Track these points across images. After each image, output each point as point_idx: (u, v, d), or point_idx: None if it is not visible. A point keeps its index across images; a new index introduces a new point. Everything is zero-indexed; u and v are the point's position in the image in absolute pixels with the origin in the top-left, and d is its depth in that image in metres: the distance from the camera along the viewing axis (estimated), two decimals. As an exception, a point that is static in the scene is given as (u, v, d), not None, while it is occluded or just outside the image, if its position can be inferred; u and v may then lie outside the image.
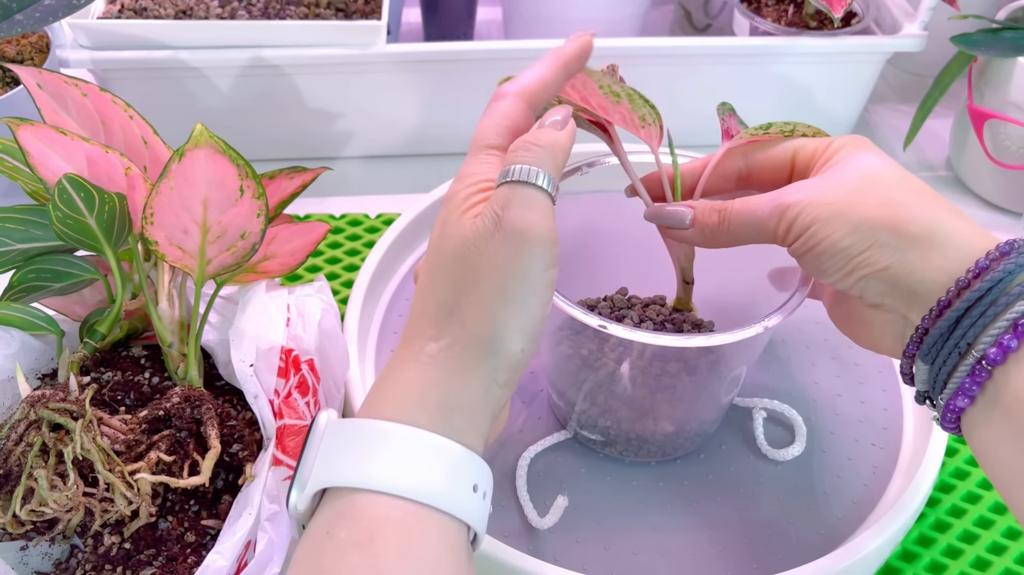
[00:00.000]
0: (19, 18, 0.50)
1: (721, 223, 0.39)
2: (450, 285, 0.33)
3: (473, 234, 0.33)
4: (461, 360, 0.33)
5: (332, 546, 0.30)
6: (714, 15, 0.84)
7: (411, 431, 0.32)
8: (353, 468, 0.31)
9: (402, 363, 0.34)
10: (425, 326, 0.34)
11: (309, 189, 0.54)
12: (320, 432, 0.33)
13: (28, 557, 0.42)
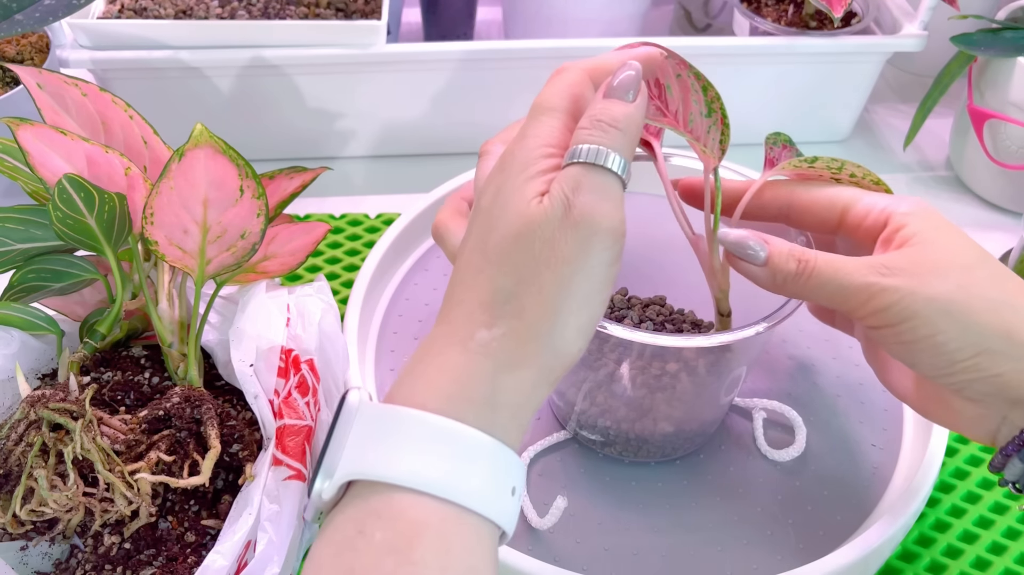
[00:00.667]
0: (19, 18, 0.50)
1: (799, 275, 0.36)
2: (508, 270, 0.30)
3: (540, 217, 0.30)
4: (516, 354, 0.30)
5: (365, 548, 0.27)
6: (714, 15, 0.84)
7: (457, 427, 0.29)
8: (391, 462, 0.28)
9: (447, 347, 0.31)
10: (475, 310, 0.31)
11: (309, 189, 0.54)
12: (351, 414, 0.30)
13: (28, 557, 0.42)
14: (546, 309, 0.30)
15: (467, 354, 0.30)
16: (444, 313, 0.32)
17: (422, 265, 0.60)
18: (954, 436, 0.53)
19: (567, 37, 0.70)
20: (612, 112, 0.32)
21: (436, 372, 0.30)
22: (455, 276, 0.32)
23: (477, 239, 0.32)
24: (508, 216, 0.31)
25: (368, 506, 0.28)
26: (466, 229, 0.33)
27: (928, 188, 0.72)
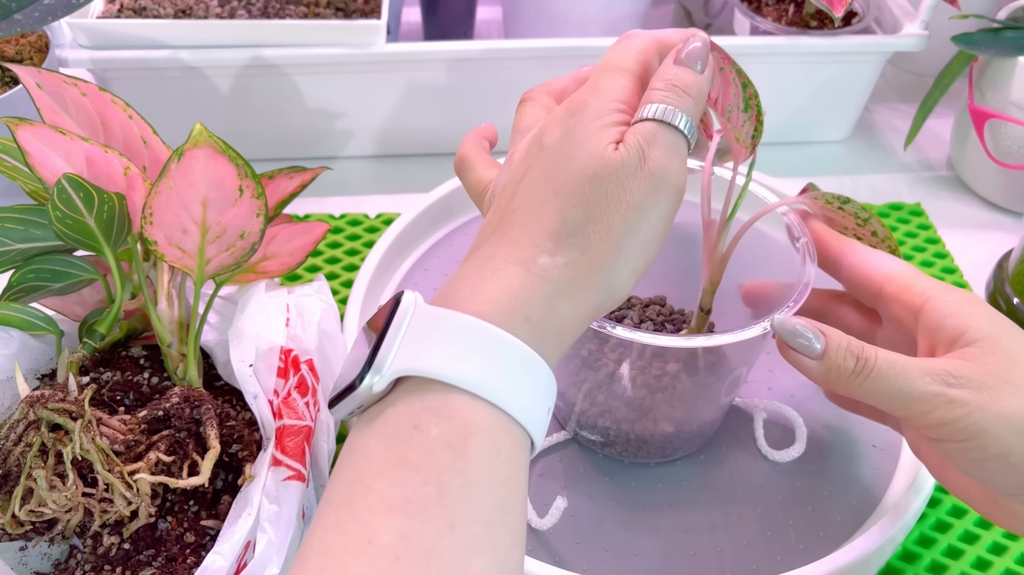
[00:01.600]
0: (18, 17, 0.50)
1: (857, 374, 0.35)
2: (579, 204, 0.32)
3: (617, 163, 0.32)
4: (575, 284, 0.31)
5: (421, 441, 0.28)
6: (714, 14, 0.84)
7: (514, 341, 0.30)
8: (450, 362, 0.29)
9: (508, 265, 0.31)
10: (541, 236, 0.32)
11: (309, 189, 0.54)
12: (407, 313, 0.30)
13: (27, 557, 0.42)
14: (611, 247, 0.32)
15: (529, 276, 0.31)
16: (503, 232, 0.32)
17: (422, 265, 0.60)
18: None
19: (567, 37, 0.70)
20: (684, 78, 0.34)
21: (496, 286, 0.31)
22: (515, 198, 0.33)
23: (542, 172, 0.33)
24: (582, 156, 0.32)
25: (424, 402, 0.29)
26: (517, 163, 0.35)
27: (929, 188, 0.72)
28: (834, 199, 0.41)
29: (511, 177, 0.35)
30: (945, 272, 0.63)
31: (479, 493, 0.28)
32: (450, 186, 0.61)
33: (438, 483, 0.27)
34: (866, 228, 0.41)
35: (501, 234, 0.33)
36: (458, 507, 0.27)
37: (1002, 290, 0.60)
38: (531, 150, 0.35)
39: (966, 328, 0.35)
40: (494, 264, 0.32)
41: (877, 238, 0.41)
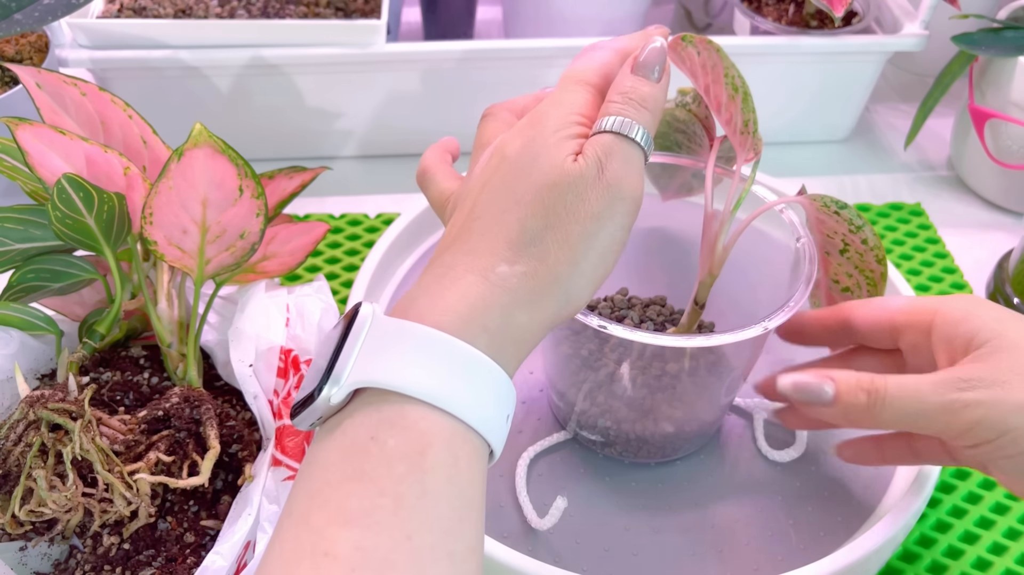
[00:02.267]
0: (18, 17, 0.49)
1: (872, 406, 0.35)
2: (539, 214, 0.32)
3: (577, 174, 0.32)
4: (533, 293, 0.32)
5: (378, 453, 0.28)
6: (715, 14, 0.84)
7: (471, 351, 0.30)
8: (407, 374, 0.29)
9: (466, 274, 0.31)
10: (500, 245, 0.32)
11: (309, 189, 0.54)
12: (363, 324, 0.30)
13: (27, 557, 0.42)
14: (568, 257, 0.32)
15: (487, 284, 0.31)
16: (463, 241, 0.33)
17: (422, 265, 0.60)
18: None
19: (567, 37, 0.70)
20: (640, 90, 0.34)
21: (454, 296, 0.31)
22: (473, 208, 0.33)
23: (502, 182, 0.33)
24: (542, 166, 0.33)
25: (381, 414, 0.29)
26: (478, 173, 0.35)
27: (929, 188, 0.72)
28: (832, 203, 0.41)
29: (472, 186, 0.35)
30: (945, 272, 0.63)
31: (436, 503, 0.28)
32: (450, 186, 0.61)
33: (394, 495, 0.28)
34: (857, 235, 0.41)
35: (461, 243, 0.33)
36: (414, 518, 0.27)
37: (1002, 290, 0.60)
38: (492, 160, 0.35)
39: (975, 331, 0.35)
40: (453, 274, 0.32)
41: (867, 246, 0.41)
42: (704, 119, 0.46)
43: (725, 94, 0.40)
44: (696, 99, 0.46)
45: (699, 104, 0.46)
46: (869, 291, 0.43)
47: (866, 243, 0.41)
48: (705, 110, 0.46)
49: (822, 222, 0.42)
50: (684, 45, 0.40)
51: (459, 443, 0.29)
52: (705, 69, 0.40)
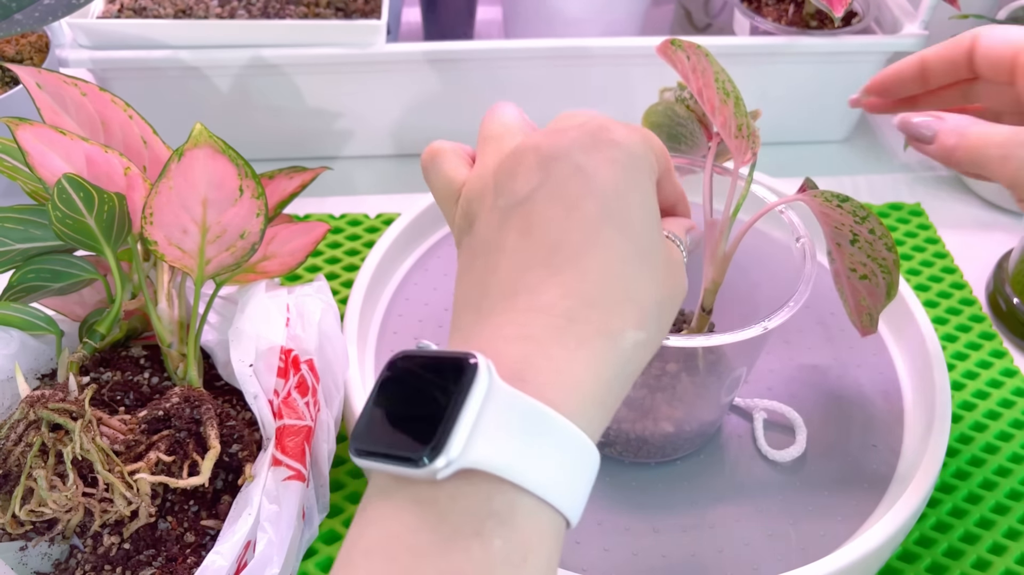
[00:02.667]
0: (18, 18, 0.49)
1: (956, 149, 0.39)
2: (659, 292, 0.31)
3: (677, 260, 0.33)
4: (642, 363, 0.30)
5: (481, 554, 0.25)
6: (714, 15, 0.84)
7: (589, 445, 0.27)
8: (525, 464, 0.26)
9: (596, 337, 0.28)
10: (628, 308, 0.29)
11: (309, 189, 0.54)
12: (481, 388, 0.26)
13: (27, 557, 0.42)
14: (663, 334, 0.32)
15: (617, 353, 0.29)
16: (571, 284, 0.29)
17: (422, 265, 0.60)
18: (955, 436, 0.52)
19: (567, 37, 0.70)
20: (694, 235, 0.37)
21: (582, 367, 0.28)
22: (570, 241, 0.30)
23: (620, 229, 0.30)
24: (655, 230, 0.32)
25: (491, 506, 0.26)
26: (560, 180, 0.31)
27: (929, 188, 0.72)
28: (833, 197, 0.41)
29: (526, 186, 0.31)
30: (945, 272, 0.63)
31: None
32: (450, 186, 0.61)
33: None
34: (864, 226, 0.41)
35: (563, 284, 0.29)
36: None
37: (1002, 290, 0.60)
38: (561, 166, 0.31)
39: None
40: (577, 332, 0.28)
41: (875, 235, 0.41)
42: (702, 116, 0.46)
43: (717, 98, 0.40)
44: (694, 95, 0.46)
45: (696, 100, 0.46)
46: (884, 278, 0.43)
47: (873, 232, 0.41)
48: (702, 107, 0.46)
49: (827, 215, 0.42)
50: (674, 49, 0.40)
51: (554, 542, 0.27)
52: (696, 73, 0.40)
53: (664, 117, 0.48)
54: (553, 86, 0.68)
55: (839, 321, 0.56)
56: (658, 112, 0.48)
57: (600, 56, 0.67)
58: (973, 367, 0.56)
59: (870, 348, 0.55)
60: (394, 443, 0.26)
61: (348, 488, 0.49)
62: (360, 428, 0.28)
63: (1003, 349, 0.58)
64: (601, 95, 0.70)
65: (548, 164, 0.31)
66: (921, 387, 0.52)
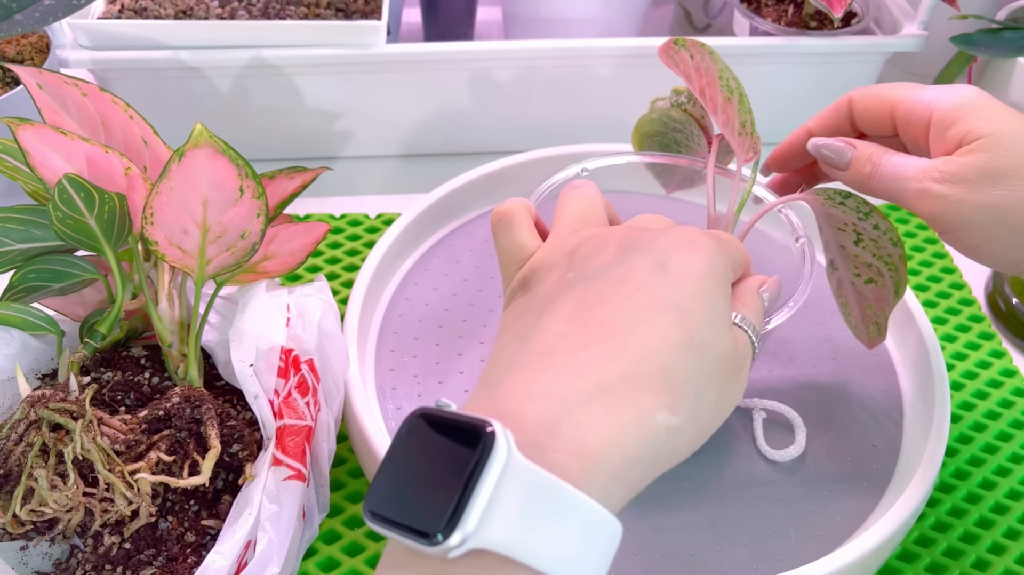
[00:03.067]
0: (19, 18, 0.50)
1: (871, 177, 0.40)
2: (702, 382, 0.30)
3: (738, 357, 0.33)
4: (675, 452, 0.30)
5: None
6: (714, 15, 0.84)
7: (614, 526, 0.27)
8: (542, 547, 0.25)
9: (625, 411, 0.28)
10: (660, 386, 0.29)
11: (309, 189, 0.54)
12: (499, 464, 0.25)
13: (28, 557, 0.42)
14: (711, 425, 0.31)
15: (645, 433, 0.28)
16: (610, 351, 0.29)
17: (422, 265, 0.60)
18: (954, 436, 0.53)
19: (567, 37, 0.70)
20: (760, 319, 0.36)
21: (608, 439, 0.27)
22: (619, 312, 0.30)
23: (677, 317, 0.30)
24: (718, 331, 0.31)
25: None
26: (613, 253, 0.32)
27: (928, 188, 0.72)
28: (835, 195, 0.41)
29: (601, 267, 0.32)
30: (944, 272, 0.63)
31: None
32: (450, 186, 0.61)
33: None
34: (868, 222, 0.41)
35: (602, 353, 0.29)
36: None
37: (1001, 290, 0.60)
38: (640, 257, 0.32)
39: (967, 131, 0.38)
40: (608, 402, 0.28)
41: (879, 231, 0.41)
42: (700, 119, 0.46)
43: (721, 96, 0.40)
44: (691, 99, 0.46)
45: (694, 104, 0.46)
46: (891, 276, 0.43)
47: (878, 228, 0.41)
48: (701, 109, 0.46)
49: (830, 215, 0.42)
50: (677, 49, 0.40)
51: None
52: (699, 72, 0.40)
53: (659, 125, 0.48)
54: (553, 86, 0.68)
55: (839, 321, 0.56)
56: (652, 121, 0.48)
57: (600, 56, 0.67)
58: (972, 367, 0.57)
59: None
60: (408, 513, 0.26)
61: (348, 488, 0.49)
62: (375, 492, 0.27)
63: (1002, 349, 0.58)
64: (601, 96, 0.70)
65: (629, 254, 0.32)
66: (921, 387, 0.52)
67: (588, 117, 0.71)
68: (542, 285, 0.33)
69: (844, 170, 0.41)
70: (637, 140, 0.50)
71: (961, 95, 0.39)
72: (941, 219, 0.37)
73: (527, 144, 0.64)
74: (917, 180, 0.38)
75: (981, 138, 0.37)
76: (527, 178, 0.60)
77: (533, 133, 0.70)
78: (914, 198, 0.38)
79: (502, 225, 0.37)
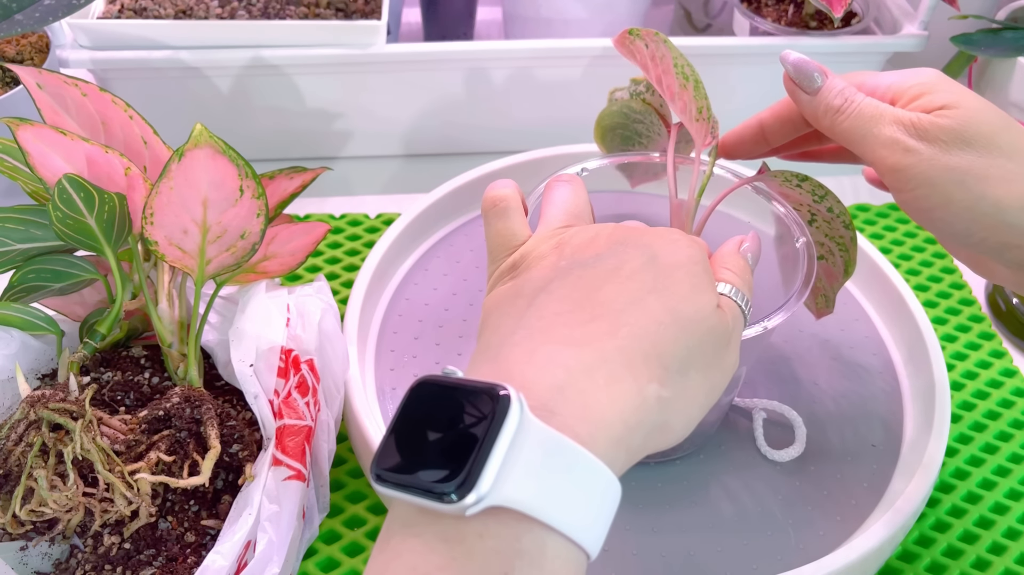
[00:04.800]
0: (19, 18, 0.50)
1: (839, 112, 0.38)
2: (692, 346, 0.31)
3: (724, 329, 0.33)
4: (668, 423, 0.30)
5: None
6: (714, 15, 0.84)
7: (616, 485, 0.28)
8: (554, 503, 0.26)
9: (623, 380, 0.29)
10: (653, 360, 0.30)
11: (309, 189, 0.54)
12: (513, 424, 0.26)
13: (28, 557, 0.42)
14: (699, 400, 0.32)
15: (641, 401, 0.29)
16: (606, 329, 0.30)
17: (422, 265, 0.60)
18: (954, 436, 0.53)
19: (567, 37, 0.70)
20: (747, 275, 0.37)
21: (611, 407, 0.28)
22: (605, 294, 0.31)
23: (654, 288, 0.32)
24: (701, 302, 0.32)
25: (520, 545, 0.26)
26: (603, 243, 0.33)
27: (928, 188, 0.72)
28: (792, 176, 0.42)
29: (594, 257, 0.33)
30: (944, 272, 0.63)
31: None
32: (450, 186, 0.61)
33: None
34: (822, 204, 0.42)
35: (599, 329, 0.30)
36: None
37: (1001, 290, 0.60)
38: (632, 250, 0.33)
39: (932, 89, 0.37)
40: (607, 372, 0.29)
41: (833, 213, 0.43)
42: (659, 108, 0.46)
43: (677, 83, 0.40)
44: (649, 88, 0.46)
45: (653, 93, 0.46)
46: (842, 256, 0.44)
47: (832, 211, 0.42)
48: (659, 99, 0.46)
49: (787, 196, 0.43)
50: (632, 39, 0.40)
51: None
52: (655, 60, 0.40)
53: (620, 117, 0.48)
54: (553, 87, 0.68)
55: (839, 321, 0.57)
56: (613, 113, 0.48)
57: (600, 56, 0.67)
58: (972, 367, 0.57)
59: (870, 348, 0.55)
60: (419, 475, 0.26)
61: (348, 488, 0.49)
62: (382, 454, 0.27)
63: (1002, 349, 0.58)
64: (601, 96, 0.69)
65: (619, 246, 0.33)
66: (920, 387, 0.52)
67: (588, 117, 0.71)
68: (534, 270, 0.34)
69: (811, 94, 0.39)
70: (599, 135, 0.50)
71: (924, 74, 0.38)
72: (904, 174, 0.36)
73: (527, 144, 0.64)
74: (889, 126, 0.37)
75: (952, 107, 0.36)
76: (527, 178, 0.60)
77: (533, 133, 0.70)
78: (881, 144, 0.37)
79: (496, 212, 0.37)
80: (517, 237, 0.36)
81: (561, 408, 0.28)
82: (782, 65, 0.40)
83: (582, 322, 0.30)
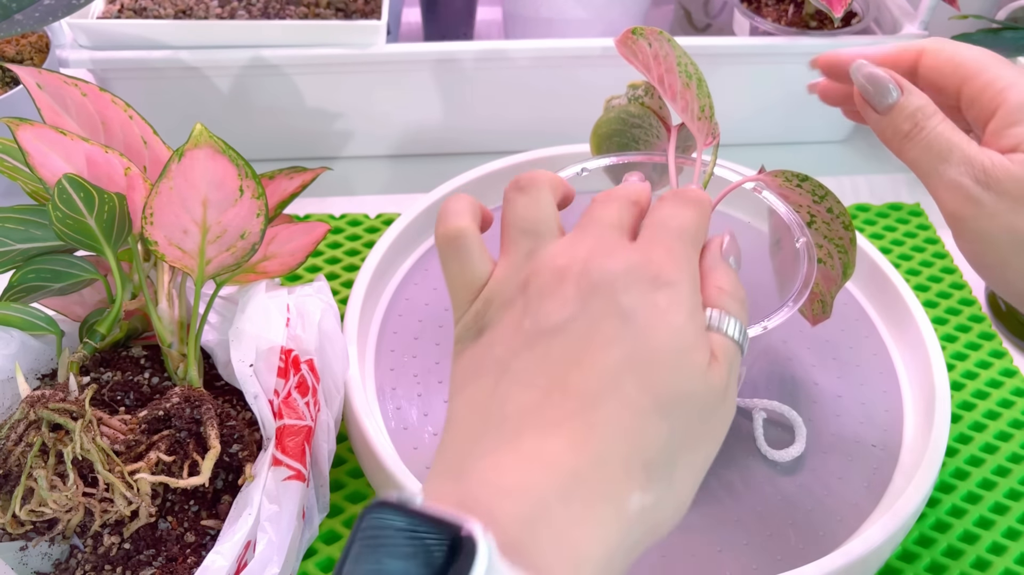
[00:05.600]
0: (19, 18, 0.50)
1: (907, 138, 0.34)
2: (677, 430, 0.27)
3: (717, 389, 0.28)
4: (655, 529, 0.27)
5: None
6: (714, 15, 0.84)
7: None
8: None
9: (598, 503, 0.26)
10: (635, 464, 0.27)
11: (309, 189, 0.54)
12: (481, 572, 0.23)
13: (28, 557, 0.42)
14: (689, 486, 0.28)
15: (621, 522, 0.26)
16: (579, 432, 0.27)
17: (422, 265, 0.60)
18: (954, 436, 0.53)
19: (567, 37, 0.70)
20: (739, 292, 0.32)
21: (586, 538, 0.26)
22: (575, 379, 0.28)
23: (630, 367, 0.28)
24: (687, 369, 0.28)
25: None
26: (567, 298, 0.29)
27: (928, 188, 0.72)
28: (793, 176, 0.42)
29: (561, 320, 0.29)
30: (944, 272, 0.63)
31: None
32: (450, 186, 0.61)
33: None
34: (822, 205, 0.42)
35: (571, 432, 0.27)
36: None
37: (1002, 290, 0.60)
38: (601, 304, 0.29)
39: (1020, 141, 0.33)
40: (583, 494, 0.26)
41: (832, 214, 0.42)
42: (658, 110, 0.46)
43: (679, 82, 0.40)
44: (648, 91, 0.46)
45: (651, 96, 0.46)
46: (840, 258, 0.44)
47: (831, 211, 0.42)
48: (659, 101, 0.46)
49: (786, 196, 0.43)
50: (635, 38, 0.40)
51: None
52: (658, 60, 0.40)
53: (617, 123, 0.47)
54: (553, 86, 0.68)
55: (839, 321, 0.56)
56: (610, 120, 0.48)
57: (600, 56, 0.67)
58: (972, 367, 0.57)
59: (870, 348, 0.55)
60: None
61: (348, 488, 0.49)
62: None
63: (1002, 349, 0.58)
64: (601, 96, 0.69)
65: (588, 298, 0.29)
66: (921, 387, 0.52)
67: (588, 117, 0.71)
68: (495, 331, 0.30)
69: (881, 113, 0.35)
70: (595, 144, 0.49)
71: None
72: (963, 225, 0.33)
73: (527, 144, 0.64)
74: (957, 166, 0.33)
75: None
76: (527, 178, 0.60)
77: (533, 133, 0.70)
78: (944, 186, 0.33)
79: (451, 252, 0.32)
80: (479, 278, 0.32)
81: (533, 547, 0.25)
82: (852, 78, 0.36)
83: (553, 422, 0.27)
